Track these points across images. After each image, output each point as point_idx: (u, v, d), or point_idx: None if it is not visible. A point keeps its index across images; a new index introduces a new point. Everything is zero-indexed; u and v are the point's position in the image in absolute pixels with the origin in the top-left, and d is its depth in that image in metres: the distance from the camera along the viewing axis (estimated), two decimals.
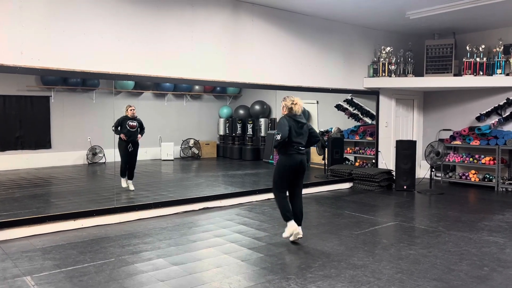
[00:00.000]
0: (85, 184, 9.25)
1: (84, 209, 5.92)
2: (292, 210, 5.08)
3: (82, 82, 10.36)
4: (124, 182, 7.77)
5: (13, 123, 9.96)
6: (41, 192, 7.94)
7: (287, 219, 5.01)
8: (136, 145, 7.74)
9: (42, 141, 10.22)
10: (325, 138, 9.92)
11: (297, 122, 4.96)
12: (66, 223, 5.61)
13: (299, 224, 5.06)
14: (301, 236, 5.03)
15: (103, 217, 5.92)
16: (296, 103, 4.99)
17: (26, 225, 5.33)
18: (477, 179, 9.08)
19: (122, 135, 7.56)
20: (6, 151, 9.76)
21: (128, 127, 7.57)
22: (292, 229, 4.97)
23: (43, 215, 5.59)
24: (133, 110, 7.68)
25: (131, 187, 7.74)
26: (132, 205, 6.31)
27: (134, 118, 7.66)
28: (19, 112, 10.01)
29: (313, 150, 10.57)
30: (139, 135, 7.75)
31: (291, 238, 5.05)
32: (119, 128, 7.57)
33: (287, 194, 5.15)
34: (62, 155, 10.33)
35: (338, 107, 10.42)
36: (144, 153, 7.98)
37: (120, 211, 6.08)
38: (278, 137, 4.78)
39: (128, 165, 7.76)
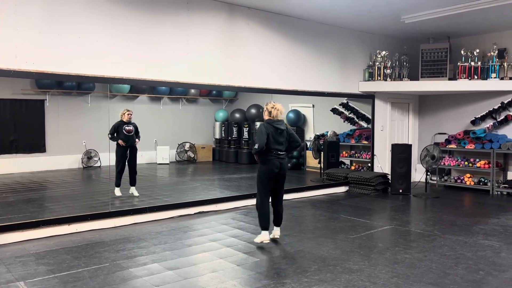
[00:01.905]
0: (80, 188, 9.20)
1: (78, 214, 5.88)
2: (273, 212, 5.25)
3: (77, 86, 10.32)
4: (118, 191, 7.56)
5: (7, 127, 9.90)
6: (36, 196, 7.89)
7: (263, 228, 5.14)
8: (134, 150, 7.64)
9: (36, 144, 10.17)
10: (321, 141, 9.93)
11: (276, 129, 5.05)
12: (61, 227, 5.57)
13: (278, 225, 5.28)
14: (278, 237, 5.24)
15: (98, 221, 5.88)
16: (275, 108, 5.12)
17: (20, 230, 5.29)
18: (472, 183, 9.11)
19: (120, 141, 7.43)
20: (0, 154, 9.70)
21: (125, 132, 7.44)
22: (264, 238, 5.12)
23: (37, 219, 5.55)
24: (130, 114, 7.56)
25: (135, 193, 7.59)
26: (127, 210, 6.28)
27: (129, 123, 7.58)
28: (13, 115, 9.96)
29: (309, 153, 10.58)
30: (137, 139, 7.66)
31: (270, 236, 5.21)
32: (115, 135, 7.44)
33: (270, 200, 5.26)
34: (57, 159, 10.27)
35: (334, 110, 10.44)
36: (139, 157, 7.93)
37: (115, 215, 6.05)
38: (256, 146, 4.95)
39: (129, 171, 7.66)
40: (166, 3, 6.53)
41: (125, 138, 7.45)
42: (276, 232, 5.27)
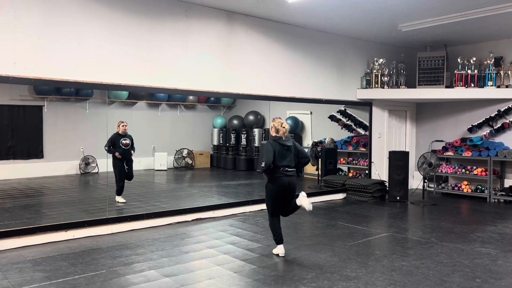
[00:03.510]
0: (77, 195, 9.18)
1: (75, 220, 5.87)
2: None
3: (76, 92, 10.34)
4: (120, 199, 7.67)
5: (5, 133, 9.90)
6: (33, 202, 7.87)
7: (277, 243, 5.06)
8: (130, 162, 7.70)
9: (34, 150, 10.16)
10: (319, 148, 9.95)
11: (282, 146, 4.93)
12: (57, 234, 5.56)
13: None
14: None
15: (95, 228, 5.87)
16: (284, 127, 4.98)
17: (16, 236, 5.27)
18: (469, 190, 9.13)
19: (117, 154, 7.47)
20: None
21: (122, 146, 7.50)
22: (280, 251, 5.03)
23: (34, 226, 5.54)
24: (125, 126, 7.61)
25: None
26: (124, 216, 6.27)
27: (125, 135, 7.61)
28: (11, 121, 9.96)
29: None
30: (132, 151, 7.72)
31: (274, 251, 5.09)
32: (112, 148, 7.49)
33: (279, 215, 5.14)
34: (54, 165, 10.26)
35: (332, 117, 10.47)
36: (137, 163, 7.95)
37: (112, 221, 6.04)
38: (263, 164, 4.81)
39: (124, 182, 7.71)
40: (165, 10, 6.57)
41: (122, 152, 7.50)
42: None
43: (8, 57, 5.24)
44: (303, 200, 4.88)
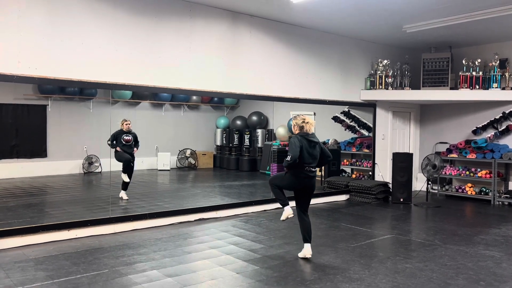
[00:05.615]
0: (80, 194, 9.19)
1: (78, 219, 5.87)
2: (301, 229, 5.01)
3: (80, 91, 10.36)
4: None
5: (9, 132, 9.92)
6: (36, 201, 7.88)
7: (284, 205, 4.91)
8: (132, 158, 7.82)
9: (38, 149, 10.18)
10: None
11: (310, 142, 4.81)
12: (60, 233, 5.56)
13: (309, 241, 4.96)
14: (310, 256, 4.94)
15: (98, 227, 5.87)
16: (307, 122, 4.85)
17: (19, 235, 5.27)
18: (473, 193, 9.08)
19: (118, 148, 7.67)
20: (1, 159, 9.72)
21: (123, 142, 7.69)
22: (288, 213, 4.85)
23: (37, 224, 5.54)
24: (129, 124, 7.77)
25: (125, 197, 7.73)
26: (127, 216, 6.27)
27: (129, 132, 7.74)
28: (15, 120, 9.99)
29: None
30: (135, 149, 7.84)
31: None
32: (114, 142, 7.68)
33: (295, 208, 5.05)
34: (57, 164, 10.28)
35: (335, 119, 10.44)
36: (140, 163, 7.98)
37: (115, 221, 6.04)
38: (289, 158, 4.66)
39: (129, 167, 7.80)
40: (169, 10, 6.57)
41: (122, 147, 7.66)
42: (307, 250, 4.94)
43: (12, 56, 5.25)
44: (306, 251, 4.93)
